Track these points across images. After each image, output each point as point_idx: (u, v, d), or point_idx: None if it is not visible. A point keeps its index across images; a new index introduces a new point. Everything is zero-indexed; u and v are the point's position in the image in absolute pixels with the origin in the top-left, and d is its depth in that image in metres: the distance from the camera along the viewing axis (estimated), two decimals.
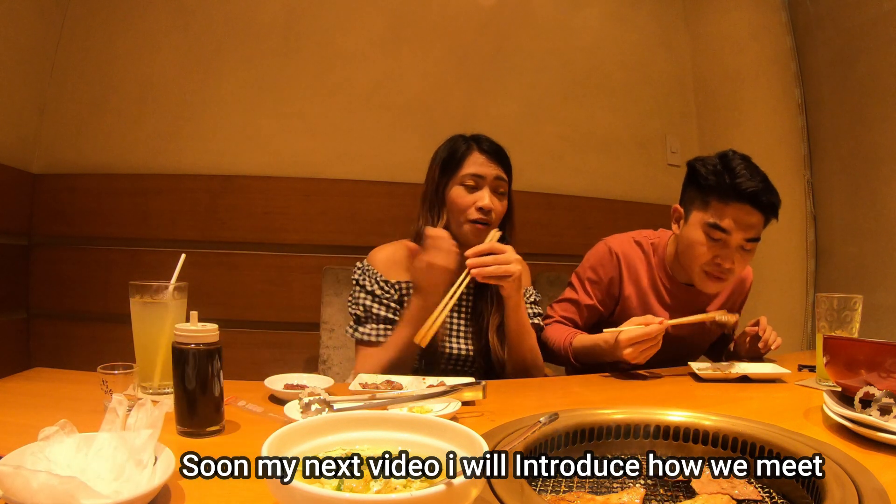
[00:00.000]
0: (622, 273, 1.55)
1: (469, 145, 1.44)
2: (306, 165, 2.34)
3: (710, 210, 1.39)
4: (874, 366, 0.90)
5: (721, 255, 1.39)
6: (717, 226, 1.37)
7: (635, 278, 1.55)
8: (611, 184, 2.67)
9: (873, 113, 2.33)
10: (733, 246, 1.38)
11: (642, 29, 2.75)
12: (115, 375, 0.91)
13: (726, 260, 1.38)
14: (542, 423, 0.72)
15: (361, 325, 1.41)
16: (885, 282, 2.26)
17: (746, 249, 1.40)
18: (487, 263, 1.28)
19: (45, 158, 2.23)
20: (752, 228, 1.37)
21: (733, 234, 1.37)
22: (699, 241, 1.40)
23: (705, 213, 1.39)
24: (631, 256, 1.56)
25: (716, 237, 1.38)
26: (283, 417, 0.91)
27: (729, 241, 1.38)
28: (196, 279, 1.17)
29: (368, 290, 1.42)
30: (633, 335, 1.28)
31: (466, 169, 1.41)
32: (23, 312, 2.21)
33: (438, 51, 2.47)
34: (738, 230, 1.36)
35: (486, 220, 1.40)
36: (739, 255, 1.39)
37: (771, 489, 0.73)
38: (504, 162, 1.45)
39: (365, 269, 1.46)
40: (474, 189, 1.41)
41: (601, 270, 1.56)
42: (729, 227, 1.36)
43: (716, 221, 1.37)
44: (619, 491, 0.71)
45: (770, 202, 1.36)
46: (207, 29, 2.31)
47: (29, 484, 0.54)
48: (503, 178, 1.43)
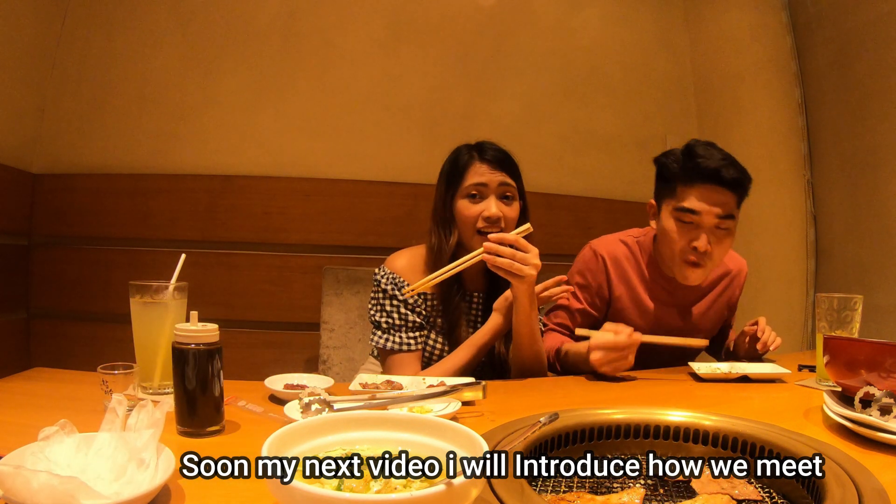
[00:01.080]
0: (609, 274, 1.54)
1: (471, 155, 1.41)
2: (306, 165, 2.34)
3: (676, 196, 1.40)
4: (874, 366, 0.90)
5: (694, 237, 1.39)
6: (684, 209, 1.38)
7: (624, 277, 1.55)
8: (611, 184, 2.67)
9: (873, 113, 2.33)
10: (705, 227, 1.38)
11: (642, 29, 2.75)
12: (116, 375, 0.91)
13: (700, 242, 1.38)
14: (542, 423, 0.72)
15: (395, 332, 1.38)
16: (886, 282, 2.26)
17: (722, 229, 1.39)
18: (503, 254, 1.23)
19: (45, 158, 2.23)
20: (722, 206, 1.37)
21: (703, 214, 1.37)
22: (671, 228, 1.42)
23: (673, 200, 1.41)
24: (617, 256, 1.56)
25: (686, 220, 1.39)
26: (284, 417, 0.91)
27: (700, 221, 1.38)
28: (196, 279, 1.17)
29: (400, 299, 1.39)
30: (601, 341, 1.26)
31: (469, 180, 1.39)
32: (23, 312, 2.21)
33: (438, 51, 2.47)
34: (706, 210, 1.36)
35: (495, 230, 1.36)
36: (714, 236, 1.39)
37: (771, 489, 0.73)
38: (509, 167, 1.41)
39: (389, 276, 1.42)
40: (479, 199, 1.38)
41: (588, 274, 1.56)
42: (696, 207, 1.37)
43: (682, 204, 1.38)
44: (619, 491, 0.71)
45: (733, 177, 1.35)
46: (207, 29, 2.31)
47: (29, 484, 0.54)
48: (508, 184, 1.39)
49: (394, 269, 1.43)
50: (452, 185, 1.42)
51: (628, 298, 1.55)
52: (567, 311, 1.57)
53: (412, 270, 1.42)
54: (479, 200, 1.38)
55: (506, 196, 1.40)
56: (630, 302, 1.55)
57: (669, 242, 1.43)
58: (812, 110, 2.67)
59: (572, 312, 1.56)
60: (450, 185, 1.42)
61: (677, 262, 1.44)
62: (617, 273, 1.55)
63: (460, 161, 1.42)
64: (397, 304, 1.39)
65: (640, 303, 1.54)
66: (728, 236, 1.41)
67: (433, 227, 1.44)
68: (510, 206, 1.40)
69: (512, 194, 1.41)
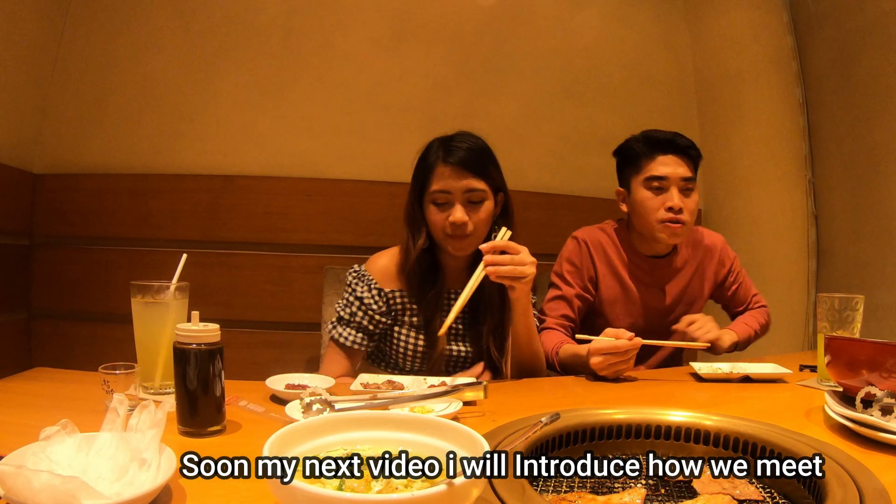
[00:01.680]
0: (592, 257, 1.66)
1: (437, 156, 1.38)
2: (307, 165, 2.35)
3: (642, 169, 1.59)
4: (875, 366, 0.90)
5: (667, 198, 1.56)
6: (652, 177, 1.57)
7: (605, 259, 1.67)
8: (612, 184, 2.66)
9: (875, 112, 2.32)
10: (674, 189, 1.56)
11: (643, 29, 2.75)
12: (117, 375, 0.91)
13: (673, 201, 1.54)
14: (543, 423, 0.72)
15: (342, 326, 1.41)
16: (887, 282, 2.26)
17: (687, 189, 1.57)
18: (503, 262, 1.24)
19: (47, 158, 2.23)
20: (684, 169, 1.57)
21: (669, 177, 1.56)
22: (645, 197, 1.59)
23: (640, 174, 1.60)
24: (597, 241, 1.68)
25: (655, 186, 1.57)
26: (285, 417, 0.91)
27: (667, 185, 1.56)
28: (197, 279, 1.17)
29: (358, 296, 1.41)
30: (602, 346, 1.29)
31: (434, 185, 1.37)
32: (24, 312, 2.21)
33: (439, 51, 2.47)
34: (671, 173, 1.56)
35: (462, 234, 1.36)
36: (683, 194, 1.57)
37: (772, 489, 0.73)
38: (476, 166, 1.37)
39: (361, 274, 1.45)
40: (445, 205, 1.37)
41: (575, 259, 1.67)
42: (662, 172, 1.56)
43: (651, 174, 1.57)
44: (620, 491, 0.71)
45: (686, 144, 1.58)
46: (208, 29, 2.31)
47: (31, 484, 0.54)
48: (474, 189, 1.36)
49: (370, 269, 1.45)
50: (419, 187, 1.41)
51: (611, 277, 1.66)
52: (564, 299, 1.63)
53: (387, 274, 1.43)
54: (445, 207, 1.37)
55: (472, 202, 1.38)
56: (612, 280, 1.66)
57: (646, 211, 1.58)
58: (813, 110, 2.67)
59: (569, 300, 1.63)
60: (417, 186, 1.42)
61: (657, 226, 1.57)
62: (599, 256, 1.67)
63: (428, 161, 1.40)
64: (352, 301, 1.42)
65: (621, 281, 1.66)
66: (694, 194, 1.59)
67: (405, 226, 1.45)
68: (477, 211, 1.38)
69: (479, 198, 1.38)
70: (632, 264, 1.67)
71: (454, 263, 1.45)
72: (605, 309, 1.67)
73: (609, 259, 1.67)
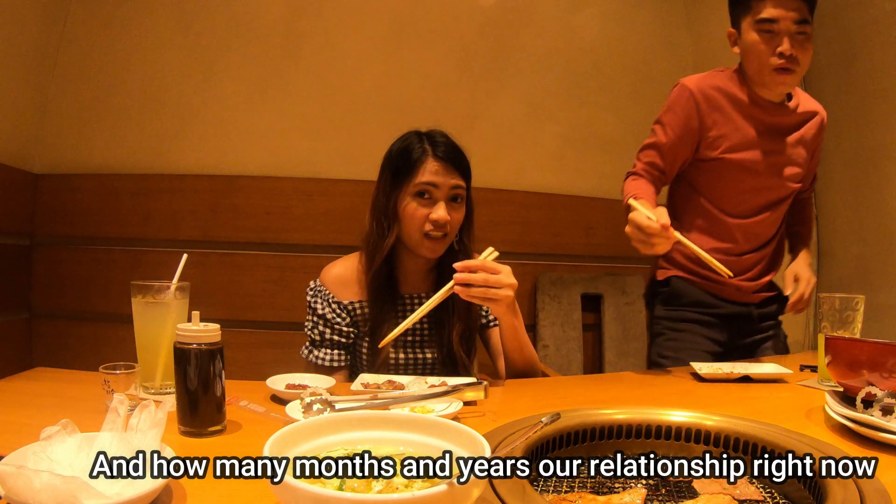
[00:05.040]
0: (699, 106, 1.56)
1: (423, 150, 1.31)
2: (308, 166, 2.35)
3: (752, 10, 1.49)
4: (876, 366, 0.90)
5: (777, 43, 1.46)
6: (762, 19, 1.47)
7: (716, 106, 1.57)
8: (612, 184, 2.64)
9: (875, 113, 2.32)
10: (785, 32, 1.46)
11: (644, 29, 2.75)
12: (117, 375, 0.91)
13: (784, 46, 1.45)
14: (543, 423, 0.72)
15: (316, 348, 1.35)
16: (888, 282, 2.26)
17: (801, 33, 1.47)
18: (475, 282, 1.15)
19: (47, 159, 2.24)
20: (797, 11, 1.46)
21: (780, 21, 1.45)
22: (755, 40, 1.49)
23: (750, 15, 1.50)
24: (706, 89, 1.58)
25: (766, 29, 1.47)
26: (285, 417, 0.91)
27: (779, 28, 1.46)
28: (198, 279, 1.17)
29: (320, 314, 1.35)
30: (637, 219, 1.29)
31: (421, 177, 1.29)
32: (25, 312, 2.21)
33: (440, 51, 2.47)
34: (783, 16, 1.45)
35: (441, 234, 1.30)
36: (796, 41, 1.46)
37: (773, 489, 0.73)
38: (460, 165, 1.32)
39: (317, 289, 1.37)
40: (428, 200, 1.30)
41: (677, 108, 1.58)
42: (773, 14, 1.46)
43: (761, 16, 1.47)
44: (620, 491, 0.71)
45: None
46: (209, 29, 2.31)
47: (31, 484, 0.54)
48: (460, 186, 1.31)
49: (324, 281, 1.38)
50: (400, 179, 1.32)
51: (725, 125, 1.55)
52: (656, 148, 1.59)
53: (342, 283, 1.37)
54: (428, 201, 1.30)
55: (456, 201, 1.32)
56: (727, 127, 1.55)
57: (756, 55, 1.50)
58: None
59: (661, 149, 1.58)
60: (397, 178, 1.33)
61: (767, 72, 1.49)
62: (708, 104, 1.56)
63: (413, 153, 1.31)
64: (317, 321, 1.36)
65: (738, 126, 1.55)
66: (808, 41, 1.49)
67: (372, 220, 1.36)
68: (458, 211, 1.33)
69: (461, 198, 1.33)
70: (750, 106, 1.57)
71: (413, 267, 1.39)
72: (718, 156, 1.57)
73: (719, 105, 1.56)
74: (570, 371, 2.48)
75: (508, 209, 2.51)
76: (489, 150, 2.52)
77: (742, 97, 1.56)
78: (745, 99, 1.56)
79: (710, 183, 1.60)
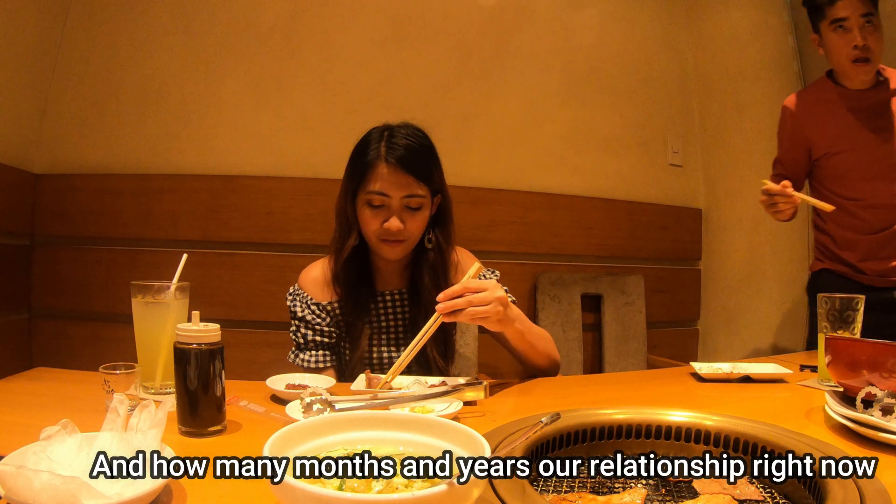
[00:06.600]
0: (797, 120, 1.84)
1: (377, 151, 1.26)
2: (308, 165, 2.34)
3: (826, 14, 1.71)
4: (876, 366, 0.90)
5: (850, 38, 1.67)
6: (835, 19, 1.69)
7: (813, 112, 1.82)
8: (612, 184, 2.67)
9: None
10: (856, 26, 1.67)
11: (644, 28, 2.75)
12: (117, 375, 0.92)
13: (857, 39, 1.66)
14: (543, 423, 0.72)
15: (302, 352, 1.35)
16: None
17: (868, 23, 1.67)
18: (459, 307, 1.10)
19: (47, 158, 2.23)
20: (861, 5, 1.67)
21: (850, 17, 1.67)
22: (832, 40, 1.72)
23: (825, 20, 1.72)
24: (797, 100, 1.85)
25: (839, 27, 1.69)
26: (285, 417, 0.91)
27: (850, 25, 1.67)
28: (198, 279, 1.17)
29: (300, 317, 1.35)
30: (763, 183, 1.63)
31: (371, 184, 1.26)
32: (24, 312, 2.21)
33: (440, 51, 2.47)
34: (850, 13, 1.66)
35: (395, 240, 1.28)
36: (868, 32, 1.67)
37: (773, 489, 0.73)
38: (418, 167, 1.26)
39: (296, 293, 1.37)
40: (380, 208, 1.27)
41: (781, 125, 1.89)
42: (842, 14, 1.67)
43: (833, 17, 1.69)
44: (620, 491, 0.71)
45: None
46: (209, 29, 2.31)
47: (31, 484, 0.54)
48: (414, 195, 1.26)
49: (302, 284, 1.38)
50: (355, 183, 1.30)
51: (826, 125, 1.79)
52: (777, 160, 1.92)
53: (319, 284, 1.36)
54: (380, 210, 1.27)
55: (409, 207, 1.28)
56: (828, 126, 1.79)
57: (836, 52, 1.72)
58: None
59: (779, 160, 1.92)
60: (352, 181, 1.30)
61: (847, 64, 1.71)
62: (805, 115, 1.83)
63: (367, 155, 1.27)
64: (298, 324, 1.35)
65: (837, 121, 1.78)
66: (877, 30, 1.69)
67: (335, 221, 1.36)
68: (414, 218, 1.28)
69: (417, 204, 1.28)
70: (841, 102, 1.78)
71: (385, 265, 1.38)
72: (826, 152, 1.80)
73: (811, 110, 1.81)
74: (570, 371, 2.48)
75: (508, 209, 2.51)
76: (489, 150, 2.52)
77: (833, 96, 1.79)
78: (835, 96, 1.78)
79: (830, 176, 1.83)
